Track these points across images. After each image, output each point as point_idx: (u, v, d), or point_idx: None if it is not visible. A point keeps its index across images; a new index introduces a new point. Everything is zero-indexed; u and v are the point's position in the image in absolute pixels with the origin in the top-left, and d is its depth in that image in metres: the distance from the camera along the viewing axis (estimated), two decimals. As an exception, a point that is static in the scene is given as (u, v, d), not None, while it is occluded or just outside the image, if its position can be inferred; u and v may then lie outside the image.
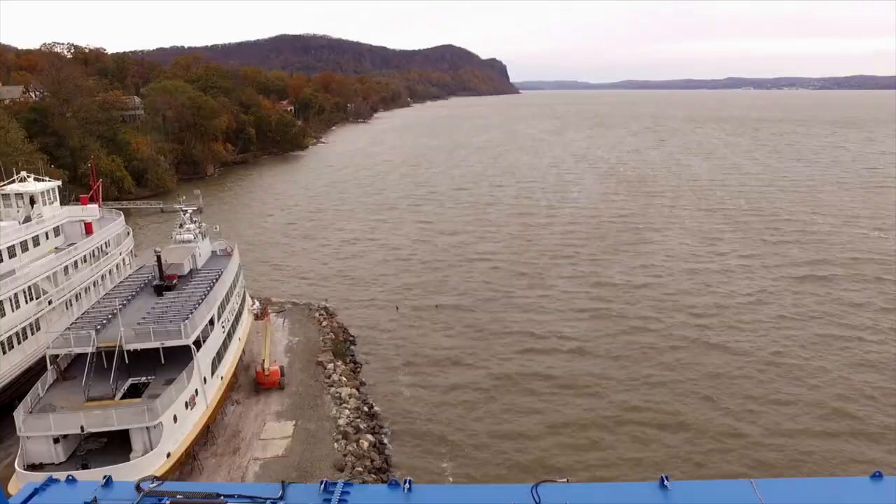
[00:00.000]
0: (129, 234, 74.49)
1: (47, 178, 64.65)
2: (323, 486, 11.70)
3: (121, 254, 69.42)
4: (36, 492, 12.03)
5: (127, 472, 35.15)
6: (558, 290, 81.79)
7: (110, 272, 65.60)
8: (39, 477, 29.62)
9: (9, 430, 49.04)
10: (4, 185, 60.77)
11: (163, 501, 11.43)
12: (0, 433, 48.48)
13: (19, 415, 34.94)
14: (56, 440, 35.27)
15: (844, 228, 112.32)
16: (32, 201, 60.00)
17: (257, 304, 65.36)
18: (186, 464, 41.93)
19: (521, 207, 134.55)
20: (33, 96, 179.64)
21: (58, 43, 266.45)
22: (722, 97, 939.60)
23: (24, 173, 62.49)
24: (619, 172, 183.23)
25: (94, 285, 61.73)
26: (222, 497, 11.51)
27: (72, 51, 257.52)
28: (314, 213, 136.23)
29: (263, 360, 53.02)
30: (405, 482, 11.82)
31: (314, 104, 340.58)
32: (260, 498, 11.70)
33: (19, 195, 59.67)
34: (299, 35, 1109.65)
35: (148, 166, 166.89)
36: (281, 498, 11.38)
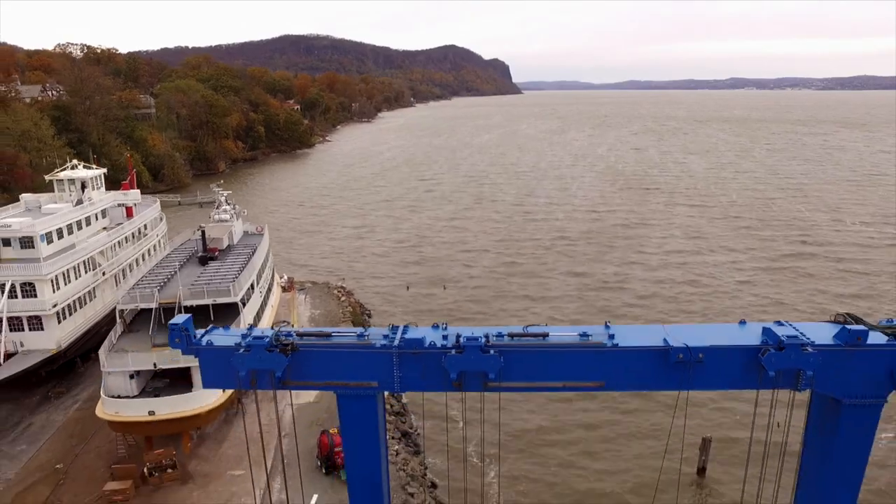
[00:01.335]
0: (162, 219, 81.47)
1: (94, 166, 71.67)
2: (390, 327, 18.92)
3: (157, 236, 76.45)
4: (206, 333, 19.28)
5: (189, 402, 42.29)
6: (555, 273, 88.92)
7: (149, 252, 72.58)
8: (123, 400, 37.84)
9: (74, 382, 56.32)
10: (58, 171, 67.83)
11: (291, 334, 18.69)
12: (69, 383, 55.71)
13: (103, 354, 41.95)
14: (131, 376, 42.24)
15: (827, 220, 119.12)
16: (83, 186, 67.01)
17: (285, 277, 72.44)
18: (233, 406, 48.90)
19: (521, 203, 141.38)
20: (51, 95, 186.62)
21: (71, 43, 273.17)
22: (724, 97, 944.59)
23: (74, 161, 69.55)
24: (618, 170, 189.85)
25: (136, 263, 68.65)
26: (332, 334, 18.71)
27: (84, 51, 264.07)
28: (323, 206, 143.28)
29: (292, 324, 59.85)
30: (443, 325, 19.03)
31: (320, 104, 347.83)
32: (352, 333, 18.96)
33: (72, 181, 66.69)
34: (302, 35, 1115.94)
35: (164, 162, 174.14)
36: (364, 334, 18.61)
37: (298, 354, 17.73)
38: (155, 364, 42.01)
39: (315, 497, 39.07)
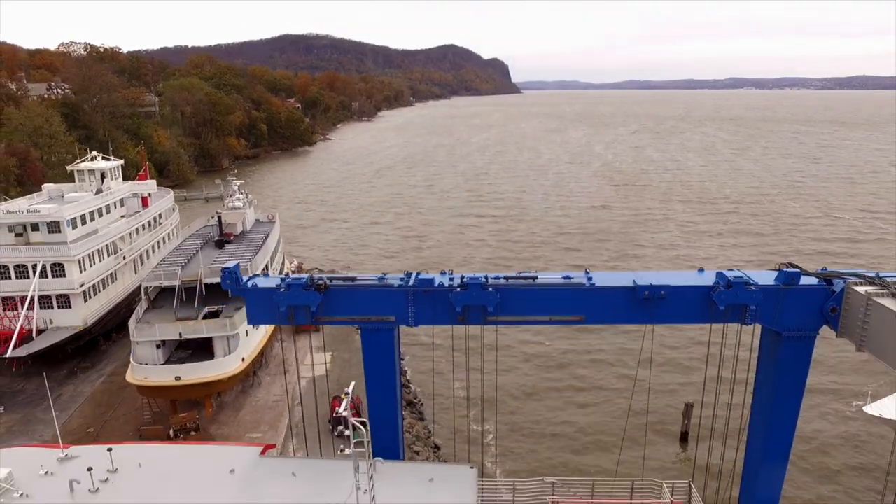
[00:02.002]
0: (175, 209, 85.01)
1: (112, 158, 75.22)
2: (405, 273, 22.55)
3: (171, 225, 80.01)
4: (251, 278, 22.90)
5: (212, 368, 45.89)
6: (552, 265, 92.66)
7: (163, 240, 76.13)
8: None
9: (97, 358, 59.88)
10: (78, 162, 71.38)
11: (322, 277, 22.31)
12: (92, 359, 59.26)
13: (133, 325, 45.56)
14: (158, 346, 45.83)
15: (815, 214, 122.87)
16: (103, 176, 70.57)
17: (295, 261, 76.00)
18: (248, 379, 52.52)
19: (518, 199, 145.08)
20: (56, 93, 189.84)
21: (75, 42, 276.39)
22: (723, 97, 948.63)
23: (94, 153, 73.11)
24: (614, 167, 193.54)
25: (152, 249, 72.28)
26: (356, 277, 22.35)
27: (88, 50, 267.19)
28: (326, 201, 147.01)
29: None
30: (450, 272, 22.68)
31: (321, 103, 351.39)
32: (373, 277, 22.58)
33: (91, 171, 70.23)
34: (302, 35, 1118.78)
35: (170, 158, 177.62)
36: (384, 278, 22.24)
37: (329, 293, 21.32)
38: (180, 334, 45.63)
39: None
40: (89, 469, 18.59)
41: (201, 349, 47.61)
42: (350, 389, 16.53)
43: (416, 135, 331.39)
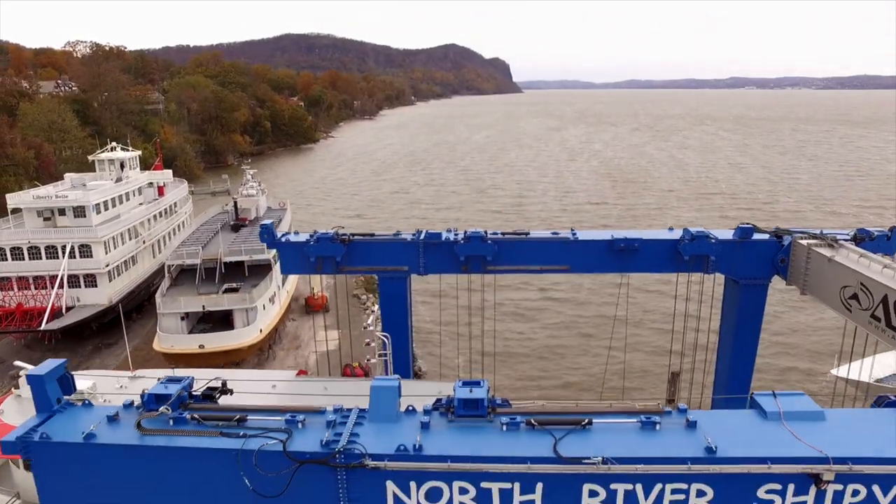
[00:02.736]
0: (188, 199, 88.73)
1: (130, 148, 78.97)
2: (416, 231, 26.15)
3: (185, 213, 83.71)
4: (284, 234, 26.56)
5: (233, 338, 49.58)
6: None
7: (178, 227, 79.86)
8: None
9: (119, 336, 63.49)
10: (99, 153, 75.14)
11: (346, 234, 25.93)
12: (114, 336, 62.94)
13: (159, 298, 49.28)
14: (182, 318, 49.55)
15: (811, 210, 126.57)
16: (122, 165, 74.31)
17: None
18: (264, 351, 56.22)
19: (518, 195, 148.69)
20: (63, 91, 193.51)
21: (81, 41, 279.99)
22: (724, 97, 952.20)
23: (113, 143, 76.85)
24: (613, 164, 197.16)
25: (169, 236, 75.99)
26: (374, 233, 25.88)
27: (94, 48, 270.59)
28: (327, 197, 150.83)
29: (313, 288, 67.17)
30: (455, 230, 26.30)
31: (323, 101, 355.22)
32: (389, 234, 26.15)
33: (111, 161, 74.00)
34: (304, 34, 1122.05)
35: (177, 154, 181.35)
36: (398, 234, 25.90)
37: (352, 245, 24.99)
38: (203, 306, 49.34)
39: None
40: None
41: (220, 323, 51.28)
42: (376, 308, 20.15)
43: (418, 133, 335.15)
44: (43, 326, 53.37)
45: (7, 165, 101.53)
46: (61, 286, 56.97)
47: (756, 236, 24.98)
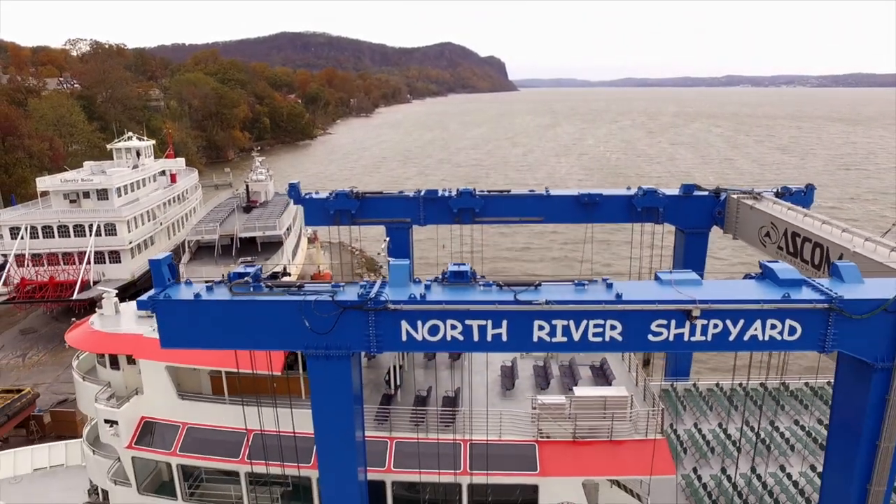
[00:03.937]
0: (198, 187, 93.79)
1: (145, 138, 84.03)
2: (417, 189, 31.44)
3: (195, 200, 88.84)
4: (308, 193, 31.83)
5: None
6: (541, 251, 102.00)
7: (189, 213, 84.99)
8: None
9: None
10: (116, 142, 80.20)
11: (359, 191, 31.15)
12: (138, 308, 68.01)
13: (182, 268, 54.31)
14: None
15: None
16: (138, 154, 79.38)
17: (310, 230, 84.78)
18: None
19: (506, 187, 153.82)
20: (66, 88, 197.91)
21: (81, 39, 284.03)
22: (718, 95, 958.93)
23: (129, 133, 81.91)
24: (605, 159, 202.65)
25: (181, 221, 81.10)
26: (383, 192, 31.18)
27: (94, 46, 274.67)
28: (325, 189, 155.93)
29: (319, 265, 72.39)
30: (449, 189, 31.58)
31: (321, 98, 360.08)
32: (395, 192, 31.49)
33: (128, 149, 79.06)
34: (299, 33, 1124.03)
35: (179, 150, 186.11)
36: (402, 192, 31.14)
37: (364, 200, 30.23)
38: (223, 276, 54.31)
39: None
40: None
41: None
42: (387, 239, 25.44)
43: (413, 130, 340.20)
44: (74, 296, 58.40)
45: (23, 157, 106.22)
46: (89, 262, 62.02)
47: (697, 193, 30.32)
